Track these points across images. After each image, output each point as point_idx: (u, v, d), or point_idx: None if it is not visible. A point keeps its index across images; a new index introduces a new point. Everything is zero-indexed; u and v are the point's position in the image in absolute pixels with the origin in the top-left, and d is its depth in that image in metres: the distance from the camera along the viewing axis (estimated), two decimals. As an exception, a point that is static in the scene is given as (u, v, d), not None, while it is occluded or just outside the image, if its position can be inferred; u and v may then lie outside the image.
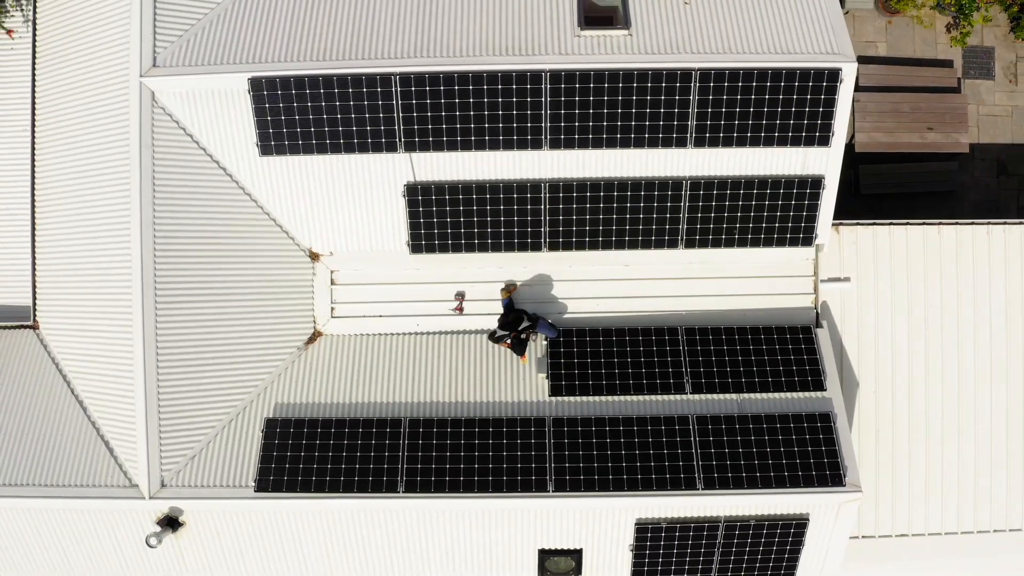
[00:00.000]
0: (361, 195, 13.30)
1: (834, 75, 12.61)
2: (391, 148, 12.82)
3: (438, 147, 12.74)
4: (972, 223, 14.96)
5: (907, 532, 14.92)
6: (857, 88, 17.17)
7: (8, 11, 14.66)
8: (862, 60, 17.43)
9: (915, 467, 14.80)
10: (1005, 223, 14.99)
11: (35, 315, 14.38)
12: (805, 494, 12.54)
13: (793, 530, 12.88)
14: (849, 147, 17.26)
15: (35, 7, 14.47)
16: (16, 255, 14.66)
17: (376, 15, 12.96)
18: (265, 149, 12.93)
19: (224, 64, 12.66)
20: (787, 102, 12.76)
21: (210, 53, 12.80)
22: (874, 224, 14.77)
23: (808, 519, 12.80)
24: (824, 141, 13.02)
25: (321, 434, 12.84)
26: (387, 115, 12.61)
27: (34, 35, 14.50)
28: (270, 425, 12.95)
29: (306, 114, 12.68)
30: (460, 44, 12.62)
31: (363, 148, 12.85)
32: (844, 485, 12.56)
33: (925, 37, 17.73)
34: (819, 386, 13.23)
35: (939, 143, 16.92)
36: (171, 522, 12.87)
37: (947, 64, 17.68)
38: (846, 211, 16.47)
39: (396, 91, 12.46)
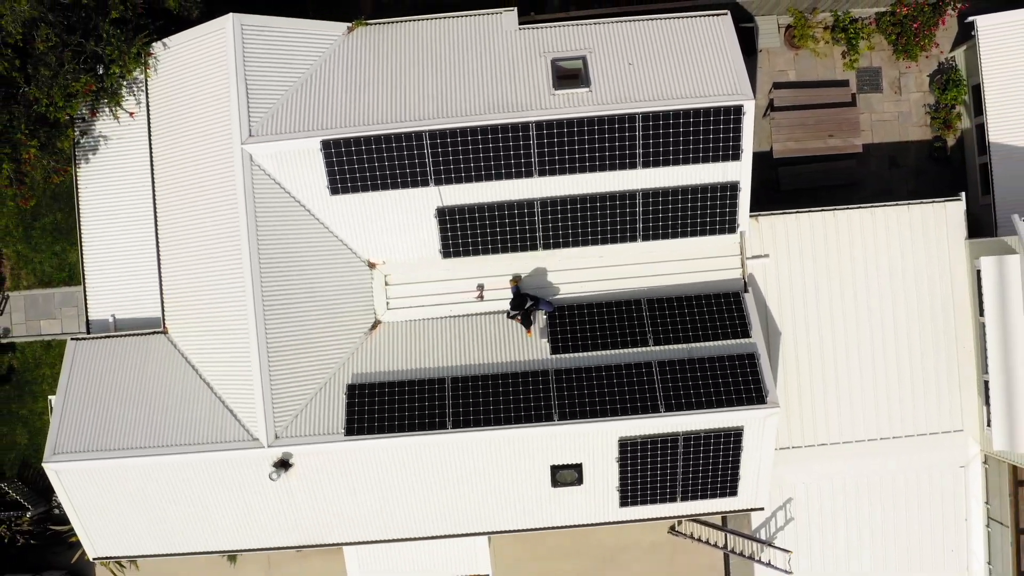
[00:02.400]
0: (404, 218, 18.26)
1: (739, 109, 17.57)
2: (424, 183, 17.79)
3: (459, 180, 17.71)
4: (859, 207, 19.88)
5: (826, 442, 19.87)
6: (773, 108, 22.16)
7: (124, 97, 19.54)
8: (776, 86, 22.39)
9: (827, 391, 19.73)
10: (884, 205, 19.90)
11: (165, 323, 19.33)
12: (739, 411, 17.44)
13: (733, 439, 17.81)
14: (769, 155, 22.27)
15: (147, 93, 19.39)
16: (146, 280, 19.62)
17: (407, 89, 17.92)
18: (334, 190, 17.90)
19: (301, 131, 17.60)
20: (707, 130, 17.71)
21: (290, 123, 17.75)
22: (785, 213, 19.71)
23: (743, 430, 17.72)
24: (737, 156, 17.96)
25: (388, 393, 17.79)
26: (420, 160, 17.57)
27: (148, 112, 19.41)
28: (351, 389, 17.91)
29: (362, 163, 17.63)
30: (469, 106, 17.57)
31: (404, 185, 17.82)
32: (766, 403, 17.48)
33: (826, 63, 22.68)
34: (746, 335, 18.17)
35: (838, 147, 21.91)
36: (283, 463, 17.80)
37: (844, 84, 22.61)
38: (770, 204, 21.35)
39: (426, 143, 17.43)
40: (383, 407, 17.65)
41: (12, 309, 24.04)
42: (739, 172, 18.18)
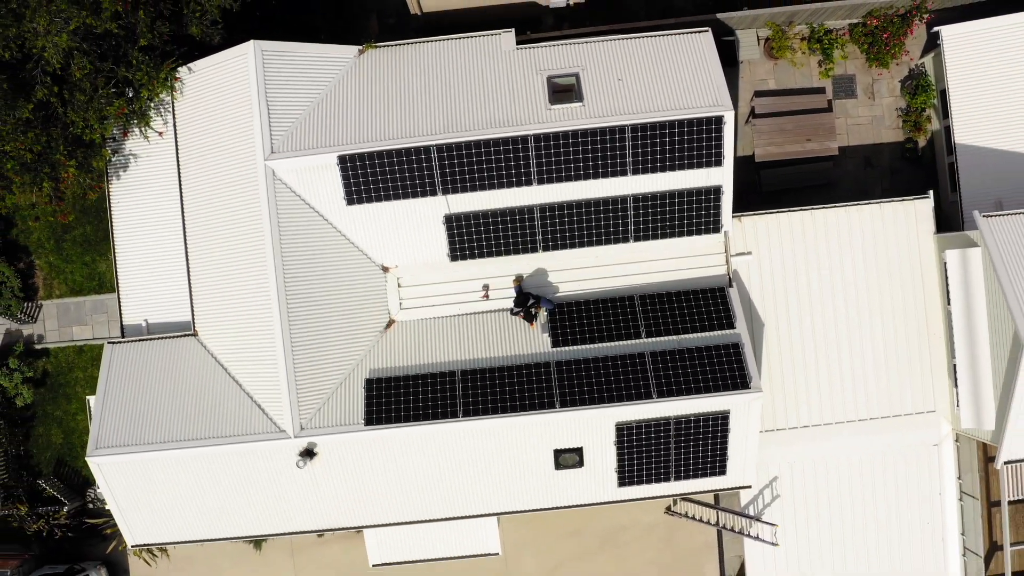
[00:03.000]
0: (414, 225, 19.85)
1: (720, 119, 19.15)
2: (433, 193, 19.38)
3: (464, 190, 19.30)
4: (835, 206, 21.47)
5: (808, 424, 21.46)
6: (755, 115, 23.75)
7: (152, 118, 21.11)
8: (757, 94, 23.98)
9: (808, 377, 21.31)
10: (858, 204, 21.48)
11: (194, 325, 20.92)
12: (725, 396, 19.02)
13: (720, 422, 19.39)
14: (751, 159, 23.86)
15: (174, 113, 20.97)
16: (176, 286, 21.19)
17: (415, 106, 19.51)
18: (349, 200, 19.48)
19: (319, 148, 19.18)
20: (691, 139, 19.29)
21: (308, 140, 19.33)
22: (766, 213, 21.30)
23: (729, 413, 19.30)
24: (719, 162, 19.54)
25: (403, 386, 19.38)
26: (429, 172, 19.16)
27: (175, 131, 20.97)
28: (369, 383, 19.49)
29: (376, 175, 19.21)
30: (473, 121, 19.16)
31: (414, 195, 19.41)
32: (750, 388, 19.05)
33: (803, 72, 24.28)
34: (731, 326, 19.76)
35: (815, 150, 23.49)
36: (308, 452, 19.38)
37: (820, 91, 24.19)
38: (753, 205, 22.92)
39: (434, 156, 19.02)
40: (399, 399, 19.23)
41: (45, 316, 25.62)
42: (722, 177, 19.76)
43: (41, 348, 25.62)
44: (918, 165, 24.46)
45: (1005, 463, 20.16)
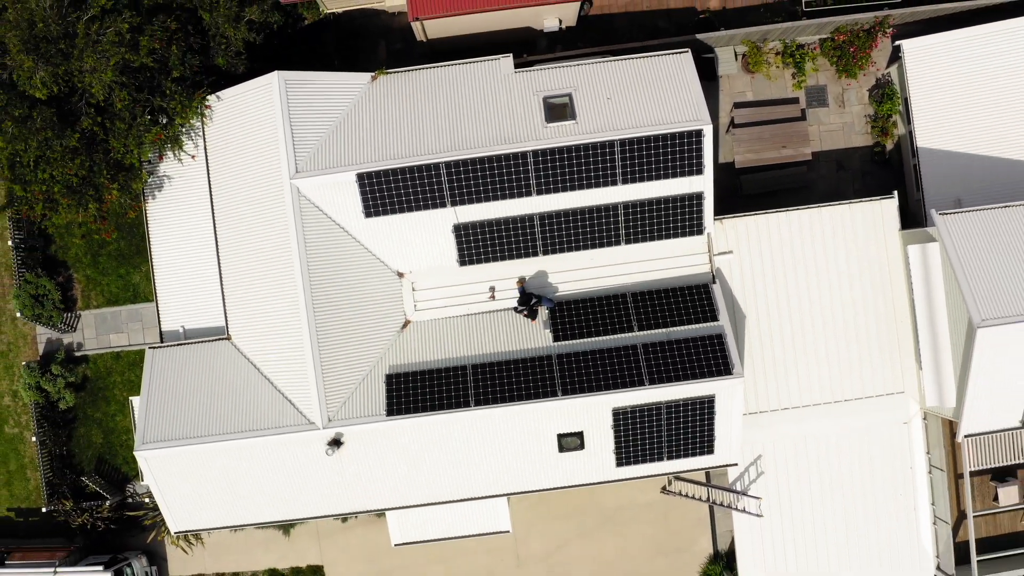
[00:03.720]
0: (426, 234, 21.94)
1: (699, 133, 21.24)
2: (442, 205, 21.47)
3: (471, 201, 21.39)
4: (809, 208, 23.53)
5: (788, 406, 23.53)
6: (734, 125, 25.85)
7: (185, 142, 23.20)
8: (736, 106, 26.09)
9: (787, 363, 23.39)
10: (830, 205, 23.54)
11: (228, 330, 23.01)
12: (710, 381, 21.09)
13: (707, 406, 21.46)
14: (732, 165, 25.97)
15: (204, 137, 23.06)
16: (210, 295, 23.29)
17: (424, 127, 21.61)
18: (367, 214, 21.58)
19: (339, 167, 21.27)
20: (674, 151, 21.38)
21: (329, 160, 21.42)
22: (745, 215, 23.38)
23: (715, 397, 21.37)
24: (700, 171, 21.62)
25: (419, 379, 21.47)
26: (439, 186, 21.26)
27: (206, 153, 23.08)
28: (389, 378, 21.59)
29: (391, 190, 21.31)
30: (477, 140, 21.26)
31: (425, 207, 21.50)
32: (732, 374, 21.13)
33: (778, 84, 26.38)
34: (715, 319, 21.82)
35: (791, 155, 25.60)
36: (336, 442, 21.45)
37: (794, 101, 26.30)
38: (735, 207, 24.96)
39: (443, 172, 21.12)
40: (416, 391, 21.33)
41: (84, 326, 27.72)
42: (703, 184, 21.84)
43: (80, 355, 27.71)
44: (887, 167, 26.56)
45: (965, 436, 22.25)
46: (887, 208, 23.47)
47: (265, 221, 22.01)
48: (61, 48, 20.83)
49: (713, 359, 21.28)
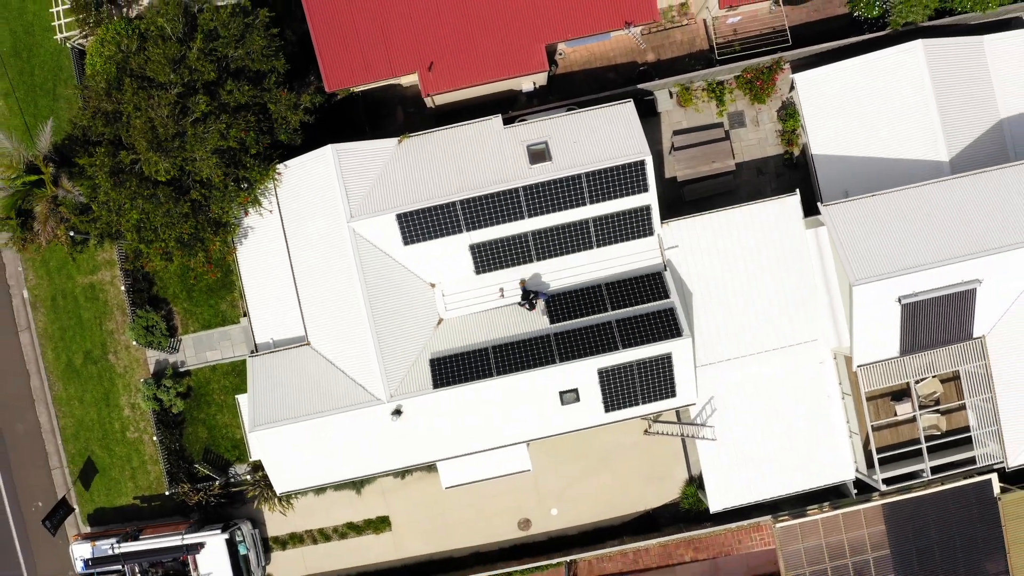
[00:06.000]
0: (449, 254, 29.74)
1: (642, 162, 29.07)
2: (460, 231, 29.29)
3: (481, 227, 29.21)
4: (733, 207, 31.24)
5: (729, 357, 31.25)
6: (675, 148, 33.69)
7: (262, 202, 30.94)
8: (675, 133, 33.92)
9: (727, 325, 31.12)
10: (748, 204, 31.26)
11: (307, 337, 30.79)
12: (667, 343, 28.85)
13: (667, 361, 29.19)
14: (675, 179, 33.79)
15: (277, 196, 30.84)
16: (291, 312, 31.01)
17: (441, 176, 29.44)
18: (405, 242, 29.40)
19: (383, 210, 29.07)
20: (626, 176, 29.18)
21: (374, 205, 29.23)
22: (686, 218, 31.10)
23: (671, 354, 29.12)
24: (646, 189, 29.42)
25: (455, 360, 29.24)
26: (456, 218, 29.07)
27: (279, 208, 30.84)
28: (432, 361, 29.37)
29: (422, 224, 29.12)
30: (481, 182, 29.08)
31: (447, 233, 29.33)
32: (683, 335, 28.89)
33: (706, 114, 34.18)
34: (667, 297, 29.59)
35: (719, 168, 33.42)
36: (397, 411, 29.21)
37: (719, 125, 34.12)
38: (680, 211, 32.67)
39: (458, 208, 28.93)
40: (453, 369, 29.12)
41: (184, 347, 35.49)
42: (650, 199, 29.65)
43: (184, 370, 35.49)
44: (796, 169, 34.38)
45: (859, 367, 30.05)
46: (790, 203, 31.17)
47: (330, 254, 29.82)
48: (176, 144, 28.63)
49: (668, 326, 29.07)
